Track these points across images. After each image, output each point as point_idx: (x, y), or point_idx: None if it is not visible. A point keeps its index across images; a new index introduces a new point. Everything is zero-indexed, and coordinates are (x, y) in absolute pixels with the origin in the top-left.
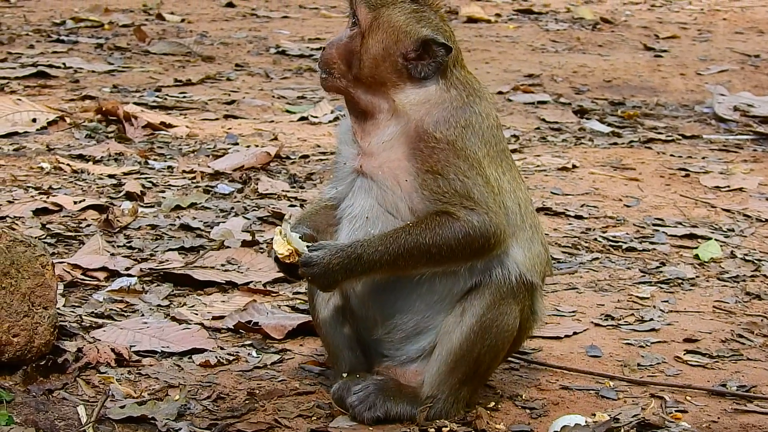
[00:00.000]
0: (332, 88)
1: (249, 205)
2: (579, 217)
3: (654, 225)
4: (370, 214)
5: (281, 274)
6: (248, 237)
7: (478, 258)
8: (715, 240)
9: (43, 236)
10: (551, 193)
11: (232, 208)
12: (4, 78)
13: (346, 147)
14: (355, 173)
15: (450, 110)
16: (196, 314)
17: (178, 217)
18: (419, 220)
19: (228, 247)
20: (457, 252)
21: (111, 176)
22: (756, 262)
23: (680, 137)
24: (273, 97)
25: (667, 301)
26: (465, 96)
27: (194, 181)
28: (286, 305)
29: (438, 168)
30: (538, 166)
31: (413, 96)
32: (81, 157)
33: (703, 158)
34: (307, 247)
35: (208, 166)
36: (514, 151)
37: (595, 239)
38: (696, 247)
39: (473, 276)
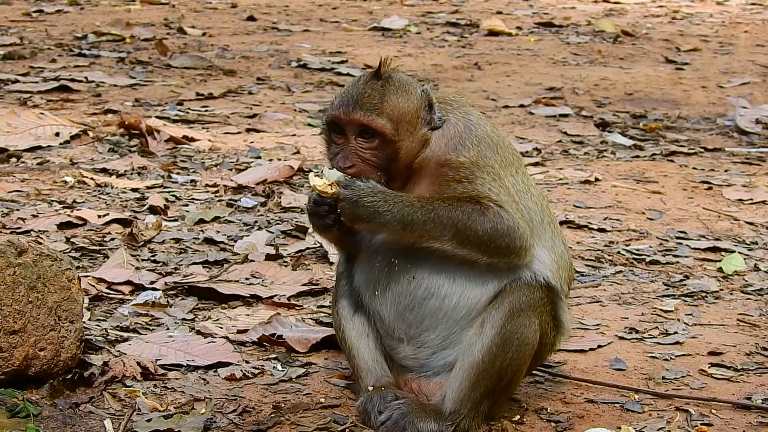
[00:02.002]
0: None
1: (272, 219)
2: (602, 230)
3: (677, 238)
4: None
5: (305, 288)
6: (272, 251)
7: (498, 257)
8: (739, 253)
9: (68, 250)
10: (574, 206)
11: (256, 221)
12: (26, 92)
13: None
14: None
15: (460, 134)
16: (221, 328)
17: (201, 230)
18: (456, 197)
19: (252, 260)
20: (482, 241)
21: (134, 190)
22: None
23: (702, 150)
24: (295, 110)
25: (691, 314)
26: (455, 110)
27: (217, 194)
28: (310, 318)
29: (466, 178)
30: (560, 179)
31: (433, 142)
32: (104, 171)
33: (726, 171)
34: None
35: (231, 180)
36: (535, 164)
37: (619, 252)
38: (719, 260)
39: (502, 281)
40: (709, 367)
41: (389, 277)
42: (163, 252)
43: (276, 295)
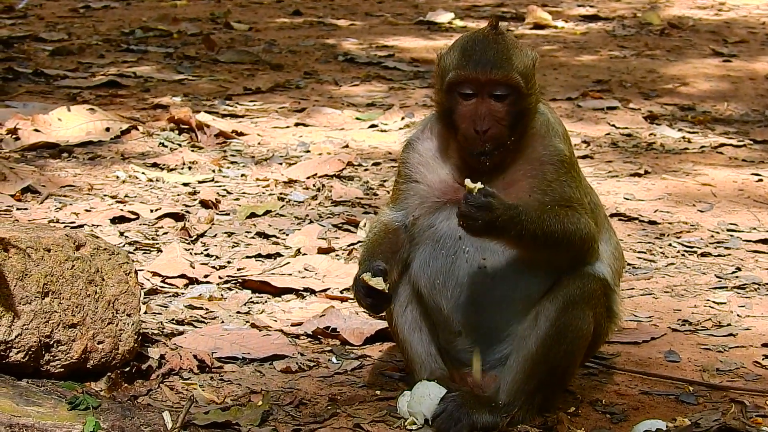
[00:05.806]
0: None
1: (323, 213)
2: (653, 223)
3: (728, 230)
4: (463, 233)
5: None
6: (324, 244)
7: (578, 260)
8: None
9: (121, 244)
10: (624, 198)
11: (307, 215)
12: (76, 87)
13: (434, 175)
14: (450, 200)
15: (551, 124)
16: (276, 321)
17: (253, 224)
18: (550, 207)
19: (304, 254)
20: (573, 246)
21: (186, 184)
22: None
23: (751, 142)
24: (342, 104)
25: (743, 306)
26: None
27: (268, 188)
28: (364, 311)
29: (563, 179)
30: (609, 171)
31: (538, 119)
32: (155, 166)
33: None
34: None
35: (282, 174)
36: (584, 157)
37: (670, 245)
38: None
39: (559, 272)
40: (763, 359)
41: (455, 266)
42: (215, 246)
43: (329, 288)
